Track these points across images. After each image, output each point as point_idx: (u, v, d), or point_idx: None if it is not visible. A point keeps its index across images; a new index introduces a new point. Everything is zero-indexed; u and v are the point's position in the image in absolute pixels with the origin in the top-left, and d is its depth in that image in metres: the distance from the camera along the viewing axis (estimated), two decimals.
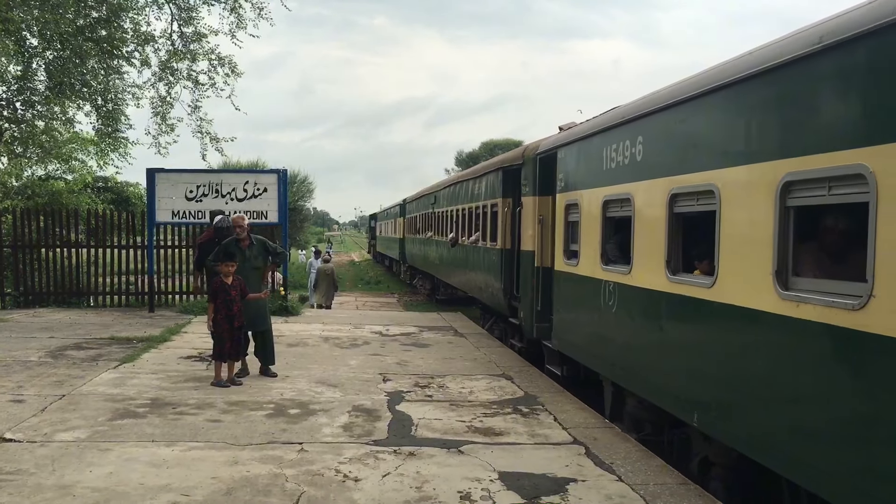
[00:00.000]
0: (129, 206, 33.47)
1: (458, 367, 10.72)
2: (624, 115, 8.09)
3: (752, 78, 5.52)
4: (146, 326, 13.99)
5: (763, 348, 5.28)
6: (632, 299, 7.65)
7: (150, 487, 5.56)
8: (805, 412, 4.82)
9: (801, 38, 5.02)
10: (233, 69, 19.78)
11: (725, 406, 5.82)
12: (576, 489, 5.76)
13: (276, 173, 16.64)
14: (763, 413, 5.25)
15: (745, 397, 5.48)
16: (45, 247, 17.49)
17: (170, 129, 20.52)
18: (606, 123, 8.60)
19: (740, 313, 5.54)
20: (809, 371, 4.78)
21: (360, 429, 7.30)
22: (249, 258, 9.67)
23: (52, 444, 6.62)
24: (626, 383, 7.87)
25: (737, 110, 5.82)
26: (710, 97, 6.18)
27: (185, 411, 7.83)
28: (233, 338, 9.20)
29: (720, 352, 5.90)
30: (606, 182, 8.41)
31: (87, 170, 28.95)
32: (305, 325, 14.98)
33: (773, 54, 5.30)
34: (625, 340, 7.88)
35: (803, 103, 4.97)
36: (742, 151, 5.64)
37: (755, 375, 5.34)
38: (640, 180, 7.48)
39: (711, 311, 5.99)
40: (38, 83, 19.33)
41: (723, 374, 5.82)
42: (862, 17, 4.36)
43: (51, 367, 10.02)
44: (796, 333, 4.86)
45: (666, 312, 6.91)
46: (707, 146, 6.24)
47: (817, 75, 4.84)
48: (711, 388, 6.01)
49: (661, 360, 6.95)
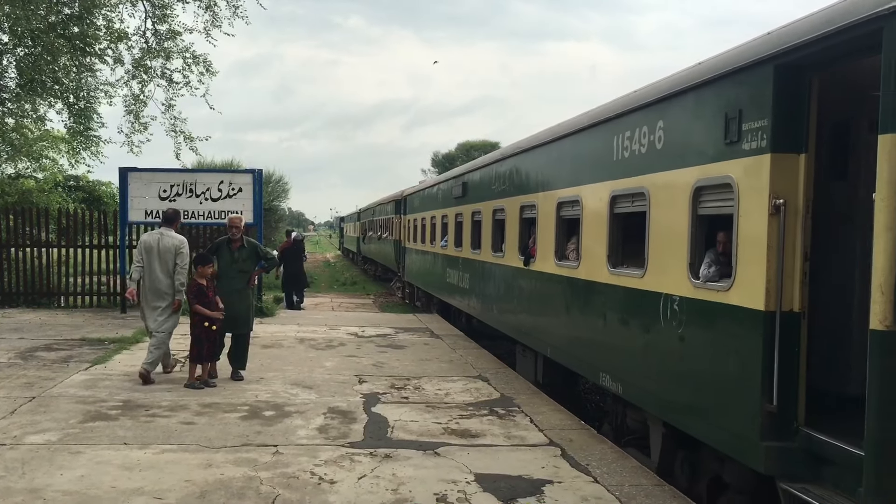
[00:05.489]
0: (101, 205, 33.02)
1: (435, 368, 10.72)
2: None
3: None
4: (118, 327, 13.82)
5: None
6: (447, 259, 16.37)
7: (123, 490, 5.49)
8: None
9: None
10: (207, 68, 19.66)
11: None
12: (552, 490, 5.78)
13: (251, 173, 16.57)
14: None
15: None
16: (15, 246, 17.21)
17: (143, 127, 20.35)
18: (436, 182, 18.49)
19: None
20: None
21: (335, 431, 7.27)
22: (238, 260, 9.56)
23: (22, 446, 6.51)
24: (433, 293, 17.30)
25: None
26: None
27: (157, 413, 7.75)
28: (211, 339, 9.12)
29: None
30: (428, 209, 18.97)
31: (58, 168, 28.57)
32: (280, 326, 14.89)
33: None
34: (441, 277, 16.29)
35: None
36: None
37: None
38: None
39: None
40: (8, 80, 19.07)
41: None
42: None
43: (20, 368, 9.86)
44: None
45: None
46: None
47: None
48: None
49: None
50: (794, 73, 4.92)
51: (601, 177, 7.71)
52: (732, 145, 5.36)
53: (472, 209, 13.69)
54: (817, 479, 4.77)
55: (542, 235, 9.50)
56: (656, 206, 6.50)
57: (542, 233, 9.55)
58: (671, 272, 6.17)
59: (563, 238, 8.93)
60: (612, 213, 7.39)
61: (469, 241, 13.77)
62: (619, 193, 7.24)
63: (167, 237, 9.35)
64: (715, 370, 5.53)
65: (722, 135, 5.48)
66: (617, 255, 7.37)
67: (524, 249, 10.20)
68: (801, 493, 4.68)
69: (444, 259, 16.29)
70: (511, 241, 10.94)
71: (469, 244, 13.76)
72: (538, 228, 9.71)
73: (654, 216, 6.55)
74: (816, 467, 4.81)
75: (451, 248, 15.45)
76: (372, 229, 35.71)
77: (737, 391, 5.23)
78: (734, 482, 5.67)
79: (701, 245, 5.87)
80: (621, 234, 7.38)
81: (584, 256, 8.10)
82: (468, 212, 13.96)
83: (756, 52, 5.21)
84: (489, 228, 12.30)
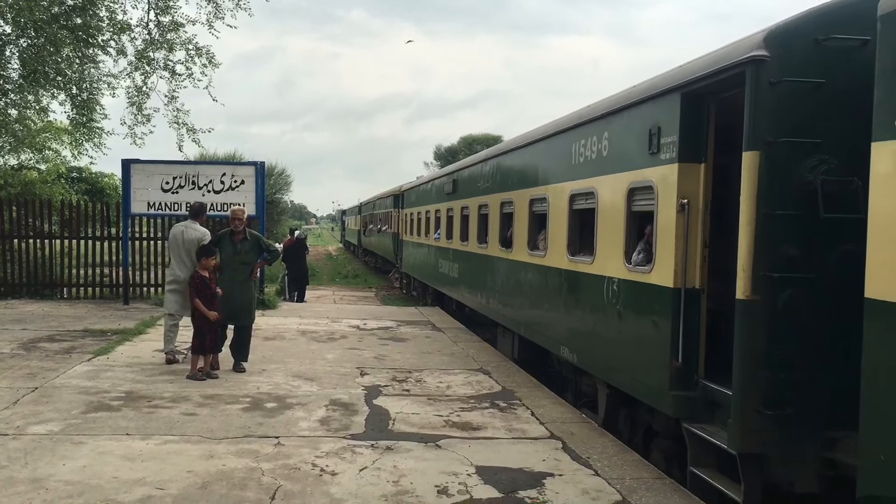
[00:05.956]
0: (103, 196, 33.10)
1: (436, 361, 10.73)
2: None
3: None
4: (120, 319, 13.85)
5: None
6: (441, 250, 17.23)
7: (125, 481, 5.51)
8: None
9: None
10: (210, 59, 19.56)
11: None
12: (553, 483, 5.79)
13: (253, 165, 16.55)
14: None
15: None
16: (18, 237, 17.21)
17: (146, 119, 20.27)
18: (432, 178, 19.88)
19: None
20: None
21: (337, 423, 7.29)
22: (240, 252, 9.57)
23: (25, 436, 6.53)
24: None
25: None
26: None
27: (160, 405, 7.77)
28: (213, 331, 9.14)
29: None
30: (423, 204, 19.93)
31: (61, 160, 28.57)
32: (282, 318, 14.91)
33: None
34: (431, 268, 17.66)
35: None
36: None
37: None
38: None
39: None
40: (11, 71, 19.00)
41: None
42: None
43: (23, 359, 9.88)
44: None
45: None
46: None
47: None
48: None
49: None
50: (696, 100, 6.16)
51: (563, 178, 8.96)
52: (654, 155, 6.58)
53: (461, 204, 14.90)
54: (711, 420, 5.93)
55: (518, 228, 10.73)
56: (602, 204, 7.75)
57: (517, 226, 10.78)
58: (612, 259, 7.42)
59: (535, 230, 10.12)
60: (570, 209, 8.65)
61: (458, 234, 14.97)
62: (577, 192, 8.50)
63: (191, 229, 9.78)
64: (640, 337, 6.80)
65: (647, 147, 6.70)
66: (574, 245, 8.59)
67: (504, 241, 11.44)
68: (699, 431, 5.90)
69: (437, 251, 17.55)
70: (493, 233, 12.18)
71: (458, 236, 14.96)
72: (515, 222, 10.93)
73: (600, 212, 7.77)
74: (711, 410, 5.95)
75: (443, 241, 16.70)
76: (372, 223, 37.29)
77: (654, 352, 6.46)
78: (661, 430, 6.87)
79: (634, 236, 7.12)
80: (578, 227, 8.58)
81: (549, 246, 9.32)
82: (458, 207, 15.19)
83: (669, 81, 6.47)
84: (475, 222, 13.51)
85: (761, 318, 5.26)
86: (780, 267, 5.20)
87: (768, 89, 5.23)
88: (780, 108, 5.24)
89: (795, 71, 5.22)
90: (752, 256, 5.25)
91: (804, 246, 5.23)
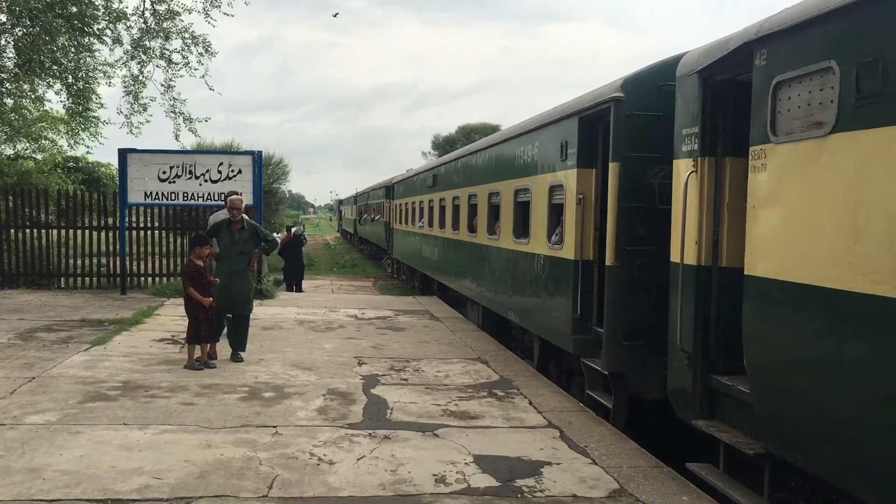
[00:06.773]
0: (100, 186, 32.98)
1: (434, 350, 10.73)
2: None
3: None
4: (118, 309, 13.83)
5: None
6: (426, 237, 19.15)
7: (122, 471, 5.51)
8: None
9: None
10: (207, 49, 19.50)
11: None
12: (550, 472, 5.80)
13: (250, 155, 16.50)
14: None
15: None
16: (15, 227, 17.15)
17: (142, 108, 20.21)
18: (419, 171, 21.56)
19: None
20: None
21: (335, 412, 7.28)
22: (238, 241, 9.55)
23: (22, 426, 6.52)
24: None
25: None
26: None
27: (157, 394, 7.76)
28: (209, 320, 9.13)
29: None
30: (410, 195, 22.17)
31: (58, 149, 28.46)
32: (280, 308, 14.89)
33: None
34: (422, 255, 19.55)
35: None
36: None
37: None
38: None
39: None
40: (6, 60, 18.89)
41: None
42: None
43: (20, 349, 9.87)
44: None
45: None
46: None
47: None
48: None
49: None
50: (588, 123, 8.27)
51: (510, 176, 11.05)
52: (564, 161, 8.69)
53: (439, 196, 17.03)
54: (597, 355, 7.86)
55: (480, 217, 12.96)
56: (534, 197, 9.81)
57: (480, 215, 13.00)
58: (540, 240, 9.53)
59: (493, 219, 12.15)
60: (515, 202, 10.74)
61: (437, 222, 17.16)
62: (519, 188, 10.59)
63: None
64: (554, 297, 8.92)
65: (560, 155, 8.80)
66: (518, 230, 10.62)
67: (470, 227, 13.66)
68: (589, 362, 8.03)
69: (421, 237, 19.76)
70: (463, 221, 14.42)
71: (437, 224, 17.14)
72: (478, 211, 13.13)
73: (533, 204, 9.86)
74: (598, 348, 7.87)
75: (426, 228, 18.94)
76: (367, 212, 40.43)
77: (562, 308, 8.61)
78: (575, 369, 8.77)
79: (554, 222, 9.13)
80: (521, 216, 10.49)
81: (501, 231, 11.40)
82: (437, 198, 17.35)
83: (571, 108, 8.66)
84: (450, 212, 15.64)
85: (622, 279, 7.38)
86: (633, 242, 7.33)
87: (625, 119, 7.37)
88: (633, 133, 7.36)
89: (643, 107, 7.33)
90: (616, 234, 7.41)
91: (649, 227, 7.25)
